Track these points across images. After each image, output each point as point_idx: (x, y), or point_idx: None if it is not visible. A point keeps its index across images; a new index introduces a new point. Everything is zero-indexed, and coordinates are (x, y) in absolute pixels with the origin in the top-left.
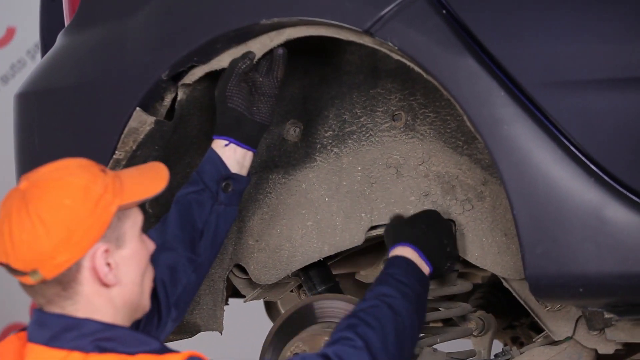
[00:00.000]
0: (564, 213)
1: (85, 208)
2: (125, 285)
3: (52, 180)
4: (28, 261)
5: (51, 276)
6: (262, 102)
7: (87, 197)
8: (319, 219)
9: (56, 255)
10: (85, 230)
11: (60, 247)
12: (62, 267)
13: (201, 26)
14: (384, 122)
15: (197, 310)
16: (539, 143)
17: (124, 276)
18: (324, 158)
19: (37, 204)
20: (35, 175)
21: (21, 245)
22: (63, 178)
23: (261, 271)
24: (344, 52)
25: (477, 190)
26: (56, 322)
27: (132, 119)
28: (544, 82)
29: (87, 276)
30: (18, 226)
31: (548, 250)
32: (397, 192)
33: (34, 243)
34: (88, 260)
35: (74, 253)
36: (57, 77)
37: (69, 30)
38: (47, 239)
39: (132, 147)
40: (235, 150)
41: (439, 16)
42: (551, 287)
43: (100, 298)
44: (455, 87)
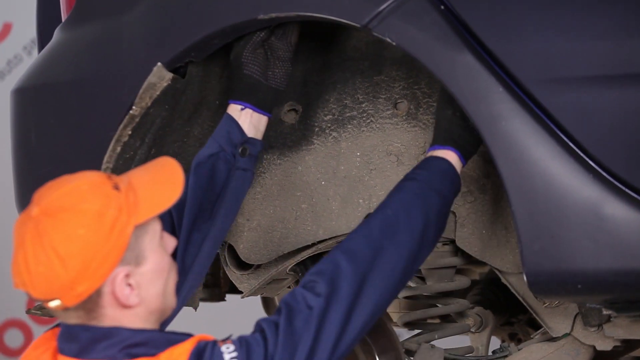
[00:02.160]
0: (562, 209)
1: (100, 236)
2: (150, 300)
3: (64, 210)
4: (48, 292)
5: (73, 304)
6: (277, 66)
7: (101, 223)
8: (314, 202)
9: (75, 286)
10: (103, 258)
11: (79, 278)
12: (83, 296)
13: (198, 22)
14: (386, 109)
15: None
16: (537, 139)
17: (147, 292)
18: (322, 141)
19: (51, 236)
20: (46, 200)
21: (39, 278)
22: (75, 206)
23: (251, 250)
24: (351, 38)
25: (479, 182)
26: (85, 335)
27: (153, 74)
28: (542, 79)
29: (109, 300)
30: (34, 259)
31: (546, 247)
32: (397, 180)
33: (51, 276)
34: (108, 285)
35: (93, 282)
36: (54, 73)
37: (66, 26)
38: (64, 272)
39: (147, 103)
40: (251, 115)
41: (437, 12)
42: (549, 284)
43: (125, 317)
44: (454, 83)
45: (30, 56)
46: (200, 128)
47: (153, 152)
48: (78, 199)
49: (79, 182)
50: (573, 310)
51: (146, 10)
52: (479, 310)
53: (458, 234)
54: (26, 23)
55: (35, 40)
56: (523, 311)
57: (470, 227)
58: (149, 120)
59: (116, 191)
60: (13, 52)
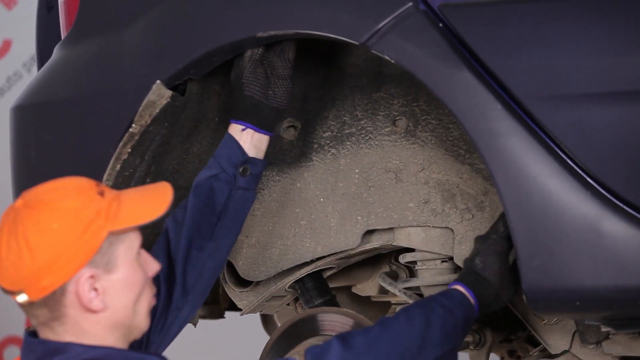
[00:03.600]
0: (560, 226)
1: (73, 233)
2: (116, 310)
3: (44, 203)
4: (14, 282)
5: (37, 298)
6: (277, 85)
7: (76, 221)
8: (313, 219)
9: (40, 279)
10: (72, 255)
11: (44, 271)
12: (47, 291)
13: (197, 39)
14: (385, 127)
15: None
16: (535, 156)
17: (113, 301)
18: (321, 158)
19: (26, 226)
20: (30, 194)
21: (8, 266)
22: (55, 201)
23: (250, 267)
24: (350, 55)
25: (477, 199)
26: (40, 348)
27: (152, 91)
28: (540, 96)
29: (72, 300)
30: (6, 246)
31: (544, 264)
32: (395, 197)
33: (19, 265)
34: (73, 285)
35: (59, 277)
36: (54, 90)
37: (66, 43)
38: (31, 262)
39: (147, 121)
40: (252, 135)
41: (435, 29)
42: (548, 301)
43: (87, 322)
44: (452, 101)
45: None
46: (200, 145)
47: (152, 169)
48: (60, 196)
49: (66, 182)
50: (572, 327)
51: (145, 28)
52: (477, 327)
53: (456, 251)
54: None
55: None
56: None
57: (468, 245)
58: (149, 138)
59: (99, 196)
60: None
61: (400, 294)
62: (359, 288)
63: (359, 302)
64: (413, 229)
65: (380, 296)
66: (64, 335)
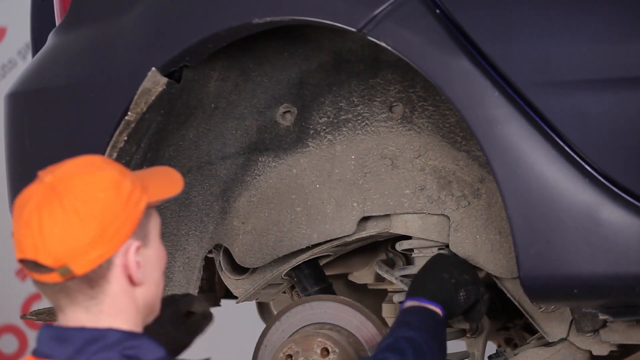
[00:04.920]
0: (558, 214)
1: (118, 202)
2: (150, 285)
3: (83, 174)
4: (60, 256)
5: (82, 272)
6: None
7: (119, 191)
8: (309, 206)
9: (90, 250)
10: (120, 226)
11: (96, 242)
12: (95, 263)
13: (192, 26)
14: (381, 113)
15: (169, 288)
16: (533, 143)
17: (150, 275)
18: (317, 144)
19: (71, 197)
20: (60, 169)
21: (53, 239)
22: (94, 172)
23: (246, 254)
24: (346, 40)
25: (473, 187)
26: (78, 336)
27: (147, 79)
28: (538, 82)
29: (118, 273)
30: (50, 219)
31: (542, 251)
32: (391, 184)
33: (69, 237)
34: (120, 257)
35: (108, 248)
36: (48, 77)
37: (60, 30)
38: (83, 232)
39: (143, 108)
40: None
41: (432, 16)
42: (545, 289)
43: (125, 298)
44: (449, 88)
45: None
46: (196, 131)
47: (149, 156)
48: (95, 167)
49: (89, 157)
50: (569, 315)
51: (141, 14)
52: None
53: (452, 239)
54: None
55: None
56: (519, 316)
57: (464, 232)
58: (145, 125)
59: (127, 170)
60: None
61: (397, 282)
62: (355, 276)
63: (356, 290)
64: (410, 216)
65: (377, 284)
66: (100, 315)
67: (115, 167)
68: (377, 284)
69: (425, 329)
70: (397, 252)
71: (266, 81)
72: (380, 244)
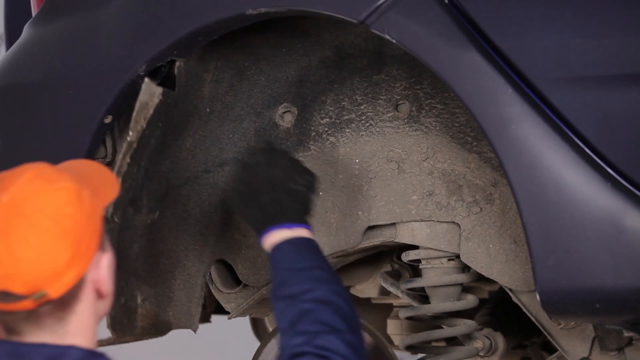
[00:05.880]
0: (577, 221)
1: (83, 214)
2: (109, 295)
3: (43, 190)
4: (35, 282)
5: (58, 295)
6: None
7: (81, 201)
8: (312, 215)
9: (67, 271)
10: (89, 239)
11: (72, 261)
12: (71, 283)
13: (181, 17)
14: (387, 112)
15: (170, 307)
16: (550, 144)
17: (110, 285)
18: (319, 147)
19: (39, 217)
20: (14, 187)
21: (28, 265)
22: (52, 185)
23: (250, 271)
24: (348, 34)
25: (485, 191)
26: (37, 352)
27: (142, 92)
28: (556, 78)
29: (88, 289)
30: (21, 244)
31: (560, 262)
32: (398, 190)
33: (45, 260)
34: (92, 271)
35: (83, 265)
36: (23, 72)
37: (37, 21)
38: (59, 253)
39: (142, 125)
40: None
41: (440, 6)
42: (564, 303)
43: (91, 314)
44: (459, 84)
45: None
46: (192, 139)
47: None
48: (49, 179)
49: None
50: (591, 332)
51: (125, 4)
52: (488, 332)
53: (463, 249)
54: None
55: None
56: (536, 333)
57: (476, 241)
58: (144, 143)
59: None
60: None
61: (403, 296)
62: (358, 289)
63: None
64: (417, 224)
65: (382, 298)
66: (65, 336)
67: (66, 174)
68: (382, 298)
69: (326, 278)
70: (403, 263)
71: (263, 79)
72: (385, 254)
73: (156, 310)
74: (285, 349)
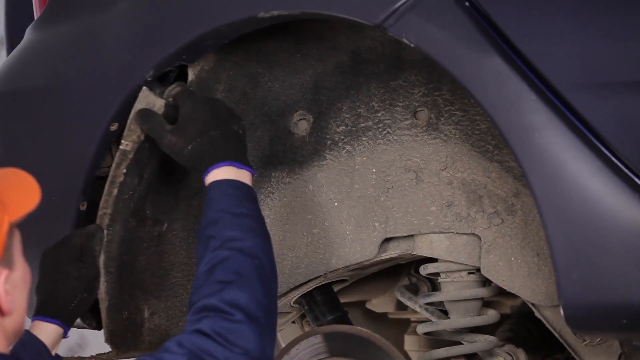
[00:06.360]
0: (604, 233)
1: None
2: (19, 311)
3: None
4: None
5: None
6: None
7: None
8: (327, 227)
9: None
10: None
11: None
12: None
13: (190, 20)
14: (404, 119)
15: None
16: (574, 153)
17: (17, 301)
18: (335, 156)
19: None
20: None
21: None
22: None
23: None
24: (365, 38)
25: (507, 202)
26: None
27: (138, 100)
28: (581, 84)
29: None
30: None
31: (586, 276)
32: (416, 200)
33: None
34: None
35: None
36: (26, 78)
37: (39, 24)
38: None
39: (140, 136)
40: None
41: (461, 9)
42: (589, 318)
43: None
44: (480, 90)
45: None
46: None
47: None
48: None
49: None
50: (617, 349)
51: (131, 7)
52: (509, 349)
53: (484, 262)
54: None
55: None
56: (560, 349)
57: (497, 254)
58: (146, 155)
59: None
60: None
61: (421, 310)
62: (374, 303)
63: (374, 319)
64: (435, 236)
65: (398, 313)
66: None
67: None
68: (399, 313)
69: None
70: (421, 277)
71: (277, 86)
72: (402, 267)
73: (166, 325)
74: (197, 295)
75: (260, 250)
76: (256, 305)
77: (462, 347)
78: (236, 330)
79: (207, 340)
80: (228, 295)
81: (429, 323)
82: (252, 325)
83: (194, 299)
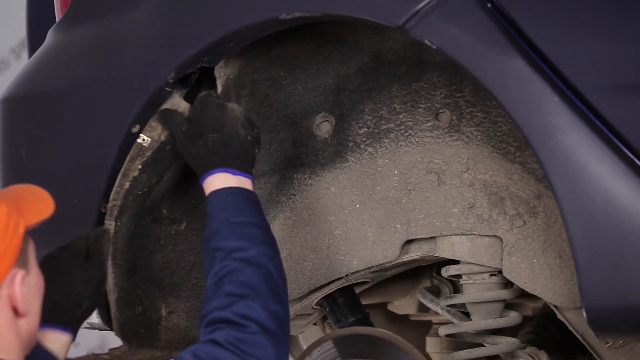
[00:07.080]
0: (626, 235)
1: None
2: (33, 315)
3: None
4: None
5: None
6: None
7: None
8: (348, 228)
9: None
10: (2, 254)
11: None
12: None
13: (212, 22)
14: (426, 121)
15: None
16: (598, 155)
17: (32, 305)
18: (357, 158)
19: None
20: None
21: None
22: None
23: None
24: (387, 39)
25: (529, 204)
26: None
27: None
28: (604, 86)
29: (3, 306)
30: None
31: (609, 278)
32: (438, 202)
33: None
34: (5, 287)
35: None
36: (48, 80)
37: (61, 27)
38: None
39: (160, 135)
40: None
41: (483, 11)
42: (612, 320)
43: (10, 332)
44: (503, 92)
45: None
46: None
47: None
48: None
49: None
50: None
51: (153, 9)
52: (531, 351)
53: (505, 264)
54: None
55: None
56: (582, 351)
57: (519, 256)
58: (168, 156)
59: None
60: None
61: (443, 312)
62: (395, 305)
63: (396, 321)
64: (457, 237)
65: (420, 315)
66: None
67: None
68: (421, 315)
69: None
70: (442, 279)
71: (300, 89)
72: (424, 269)
73: (186, 325)
74: (208, 307)
75: (266, 257)
76: (268, 315)
77: (484, 349)
78: (251, 340)
79: (222, 350)
80: (240, 309)
81: (450, 325)
82: (267, 335)
83: (205, 311)
